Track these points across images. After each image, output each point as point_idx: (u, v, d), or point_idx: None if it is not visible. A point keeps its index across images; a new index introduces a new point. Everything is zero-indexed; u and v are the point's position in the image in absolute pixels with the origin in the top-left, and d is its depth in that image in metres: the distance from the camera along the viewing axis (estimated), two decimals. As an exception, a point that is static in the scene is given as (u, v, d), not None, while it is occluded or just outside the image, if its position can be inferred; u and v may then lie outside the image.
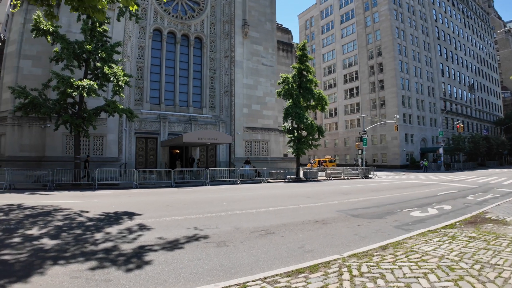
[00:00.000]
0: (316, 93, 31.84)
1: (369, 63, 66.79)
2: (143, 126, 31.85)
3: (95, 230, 7.70)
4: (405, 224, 8.75)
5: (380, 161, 63.01)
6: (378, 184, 23.86)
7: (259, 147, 37.35)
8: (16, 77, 27.04)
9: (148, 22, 33.77)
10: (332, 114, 75.54)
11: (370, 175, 34.72)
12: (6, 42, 29.36)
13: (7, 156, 26.39)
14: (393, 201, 13.69)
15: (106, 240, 6.72)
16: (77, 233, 7.43)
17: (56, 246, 6.30)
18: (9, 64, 27.98)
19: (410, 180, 28.64)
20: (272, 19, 39.27)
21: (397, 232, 7.74)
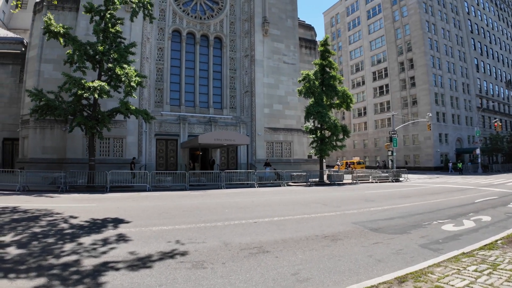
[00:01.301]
0: (340, 90, 29.85)
1: (398, 59, 63.30)
2: (163, 127, 31.34)
3: (69, 240, 6.97)
4: (434, 241, 7.01)
5: (413, 162, 59.41)
6: (408, 189, 21.64)
7: (282, 148, 35.79)
8: (38, 81, 27.26)
9: (167, 23, 33.26)
10: (360, 114, 72.46)
11: (400, 178, 32.19)
12: (28, 47, 29.85)
13: (30, 158, 26.70)
14: (422, 210, 11.81)
15: (72, 253, 6.01)
16: (49, 242, 6.80)
17: (17, 256, 5.78)
18: (31, 68, 28.32)
19: (444, 184, 26.11)
20: (293, 15, 37.63)
21: (423, 253, 6.09)
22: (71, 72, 21.18)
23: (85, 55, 20.68)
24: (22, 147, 28.40)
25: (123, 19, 23.21)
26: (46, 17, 20.27)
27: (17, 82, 31.21)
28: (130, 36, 29.59)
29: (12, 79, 31.52)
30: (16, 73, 31.52)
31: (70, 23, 28.94)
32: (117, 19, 22.33)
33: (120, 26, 25.04)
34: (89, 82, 19.74)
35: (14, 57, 31.82)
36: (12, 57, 31.79)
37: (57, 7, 29.22)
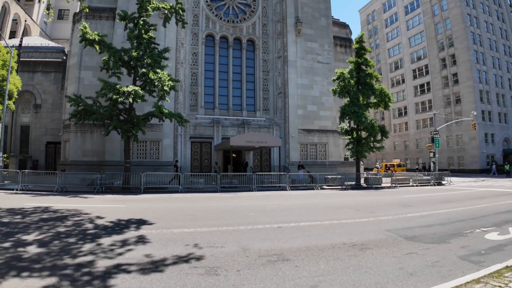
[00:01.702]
0: (377, 88, 28.48)
1: (440, 55, 59.73)
2: (197, 130, 31.75)
3: (89, 240, 7.01)
4: (475, 252, 6.16)
5: (457, 165, 55.68)
6: (450, 193, 20.03)
7: (316, 150, 34.84)
8: (78, 87, 28.61)
9: (200, 28, 33.75)
10: (401, 113, 69.25)
11: (443, 182, 30.05)
12: (68, 55, 31.51)
13: (71, 161, 28.12)
14: (464, 216, 10.70)
15: (89, 253, 6.01)
16: (70, 241, 6.87)
17: (35, 255, 5.85)
18: (72, 76, 29.83)
19: (489, 187, 24.01)
20: (327, 14, 36.66)
21: (462, 266, 5.33)
22: (107, 78, 21.92)
23: (120, 61, 21.33)
24: (63, 150, 29.96)
25: (156, 25, 23.69)
26: (81, 25, 21.11)
27: (59, 89, 33.06)
28: (165, 42, 30.29)
29: (54, 86, 33.47)
30: (58, 80, 33.41)
31: (107, 31, 30.17)
32: (150, 25, 22.82)
33: (155, 32, 25.65)
34: (124, 87, 20.24)
35: (56, 65, 33.79)
36: (54, 66, 33.79)
37: (95, 16, 30.66)
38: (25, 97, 33.36)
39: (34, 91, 33.27)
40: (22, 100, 33.37)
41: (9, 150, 31.43)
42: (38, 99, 33.26)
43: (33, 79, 33.27)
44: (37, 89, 33.33)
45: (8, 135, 32.02)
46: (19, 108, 32.91)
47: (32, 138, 33.12)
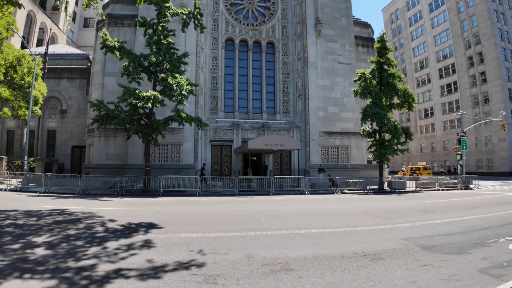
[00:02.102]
0: (401, 89, 27.45)
1: (466, 53, 57.22)
2: (217, 134, 31.87)
3: (96, 244, 7.07)
4: (497, 265, 5.59)
5: (486, 167, 52.98)
6: (476, 198, 18.92)
7: (338, 153, 34.02)
8: (102, 93, 29.43)
9: (220, 32, 33.95)
10: (427, 114, 66.83)
11: (471, 185, 28.55)
12: (92, 62, 32.48)
13: (94, 164, 28.93)
14: (489, 223, 9.94)
15: (93, 257, 6.05)
16: (77, 244, 6.98)
17: (41, 257, 5.97)
18: (96, 82, 30.75)
19: (519, 192, 22.51)
20: (348, 13, 35.89)
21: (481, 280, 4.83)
22: (128, 84, 22.33)
23: (139, 67, 21.72)
24: (88, 153, 30.90)
25: (175, 31, 23.88)
26: (102, 32, 21.68)
27: (84, 94, 34.13)
28: (185, 47, 30.65)
29: (79, 92, 34.61)
30: (83, 86, 34.51)
31: (130, 38, 30.99)
32: (169, 31, 23.05)
33: (175, 38, 26.17)
34: (143, 92, 20.54)
35: (81, 72, 34.94)
36: (79, 72, 34.95)
37: (117, 24, 31.49)
38: (51, 103, 34.66)
39: (60, 97, 34.49)
40: (49, 106, 34.69)
41: (36, 154, 32.73)
42: (64, 105, 34.45)
43: (59, 85, 34.54)
44: (63, 95, 34.53)
45: (35, 139, 33.44)
46: (45, 114, 34.24)
47: (58, 142, 34.33)
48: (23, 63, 24.27)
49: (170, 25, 25.87)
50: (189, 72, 30.47)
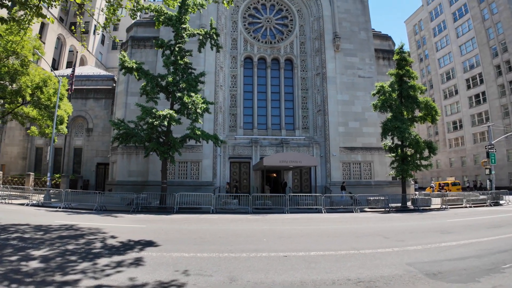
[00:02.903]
0: (422, 101, 26.20)
1: (494, 62, 54.59)
2: (236, 151, 31.54)
3: (89, 259, 7.30)
4: None
5: (520, 182, 49.77)
6: (503, 216, 17.52)
7: (360, 169, 32.65)
8: (125, 112, 29.98)
9: (239, 51, 34.06)
10: (456, 127, 63.95)
11: (501, 201, 26.60)
12: (117, 83, 33.30)
13: (117, 181, 29.38)
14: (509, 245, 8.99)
15: (80, 272, 6.27)
16: (70, 259, 7.27)
17: (32, 270, 6.29)
18: (119, 101, 31.43)
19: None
20: (367, 27, 35.08)
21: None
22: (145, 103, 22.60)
23: (157, 87, 22.12)
24: (111, 170, 31.44)
25: (192, 51, 24.19)
26: (120, 54, 22.20)
27: (109, 113, 34.98)
28: (205, 67, 30.92)
29: (105, 111, 35.49)
30: (108, 106, 35.41)
31: (152, 59, 31.68)
32: (186, 51, 23.43)
33: (194, 57, 26.58)
34: (160, 111, 20.80)
35: (106, 92, 35.92)
36: (105, 92, 35.94)
37: (140, 45, 32.30)
38: (78, 121, 35.72)
39: (87, 116, 35.47)
40: (76, 125, 35.77)
41: (62, 171, 33.66)
42: (90, 124, 35.36)
43: (85, 105, 35.59)
44: (89, 114, 35.50)
45: (62, 156, 34.50)
46: (72, 132, 35.31)
47: (84, 159, 35.18)
48: (49, 84, 25.12)
49: (189, 45, 26.20)
50: (208, 90, 30.78)
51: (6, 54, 22.42)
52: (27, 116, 25.73)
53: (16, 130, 34.85)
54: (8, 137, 35.17)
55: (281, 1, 36.14)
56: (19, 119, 26.02)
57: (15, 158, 35.07)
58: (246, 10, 35.54)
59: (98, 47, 55.20)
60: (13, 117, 26.08)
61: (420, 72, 74.78)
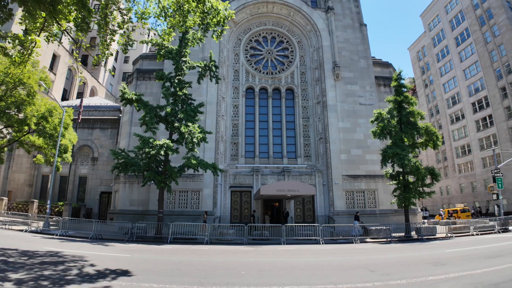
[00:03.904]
0: (422, 127, 25.42)
1: (499, 84, 53.54)
2: (237, 179, 30.98)
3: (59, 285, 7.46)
4: None
5: (532, 207, 47.37)
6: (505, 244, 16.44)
7: (364, 198, 31.45)
8: (128, 142, 30.07)
9: (241, 82, 34.31)
10: (464, 152, 62.01)
11: (510, 227, 25.15)
12: (122, 113, 33.63)
13: (119, 210, 29.14)
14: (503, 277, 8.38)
15: None
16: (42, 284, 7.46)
17: None
18: (124, 131, 31.65)
19: None
20: (367, 55, 35.00)
21: None
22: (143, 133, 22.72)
23: (156, 117, 22.29)
24: (113, 199, 31.29)
25: (191, 82, 24.56)
26: (120, 86, 22.59)
27: (114, 143, 35.21)
28: (207, 97, 31.22)
29: (110, 141, 35.75)
30: (114, 135, 35.73)
31: (156, 90, 32.05)
32: (185, 83, 23.81)
33: (197, 88, 27.32)
34: (157, 141, 20.96)
35: (112, 122, 36.31)
36: (111, 122, 36.33)
37: (145, 77, 32.81)
38: (84, 151, 36.02)
39: (92, 145, 35.73)
40: (82, 154, 36.04)
41: (66, 198, 33.73)
42: (96, 153, 35.54)
43: (92, 134, 35.96)
44: (95, 144, 35.77)
45: (67, 184, 34.62)
46: (78, 161, 35.58)
47: (88, 188, 35.18)
48: (54, 114, 25.65)
49: (191, 77, 26.54)
50: (209, 120, 30.82)
51: (13, 84, 23.16)
52: (33, 144, 26.15)
53: (24, 158, 35.21)
54: (16, 164, 35.53)
55: (282, 33, 36.66)
56: (25, 147, 26.45)
57: (22, 185, 35.30)
58: (248, 43, 36.09)
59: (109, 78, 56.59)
60: (20, 145, 26.51)
61: (426, 97, 73.95)
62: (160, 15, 14.74)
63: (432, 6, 70.93)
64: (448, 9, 66.32)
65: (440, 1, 68.22)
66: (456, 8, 63.97)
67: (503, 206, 33.16)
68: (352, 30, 35.71)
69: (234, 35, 35.84)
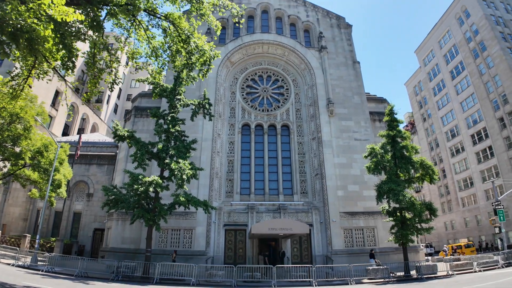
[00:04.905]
0: (417, 161, 24.57)
1: (496, 115, 53.02)
2: (231, 217, 29.87)
3: None
4: None
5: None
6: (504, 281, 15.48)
7: (363, 235, 29.88)
8: (123, 178, 29.54)
9: (237, 119, 34.27)
10: (466, 185, 60.35)
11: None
12: (119, 150, 33.42)
13: (110, 247, 28.11)
14: None
15: None
16: None
17: None
18: (119, 167, 31.31)
19: None
20: (360, 91, 35.00)
21: None
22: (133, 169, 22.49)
23: (147, 154, 22.28)
24: (106, 237, 30.36)
25: (184, 120, 24.67)
26: (114, 123, 22.45)
27: (110, 180, 34.75)
28: (202, 134, 31.13)
29: (106, 177, 35.35)
30: (110, 172, 35.37)
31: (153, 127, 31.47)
32: (178, 120, 24.04)
33: (193, 125, 27.66)
34: (146, 177, 20.61)
35: (109, 158, 36.11)
36: (108, 159, 36.13)
37: (142, 115, 32.90)
38: (80, 186, 35.57)
39: (88, 181, 35.29)
40: (78, 189, 35.59)
41: (60, 234, 32.88)
42: (91, 189, 35.00)
43: (88, 170, 35.65)
44: (91, 180, 35.35)
45: (62, 220, 33.80)
46: (73, 196, 35.12)
47: (82, 224, 34.42)
48: (50, 149, 25.62)
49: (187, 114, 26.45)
50: (204, 156, 30.42)
51: (10, 119, 23.33)
52: (28, 178, 25.94)
53: (20, 192, 34.68)
54: (12, 198, 35.01)
55: (277, 72, 37.14)
56: (20, 181, 26.21)
57: (17, 219, 34.62)
58: (244, 82, 36.50)
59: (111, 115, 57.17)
60: (15, 178, 26.29)
61: (425, 131, 73.46)
62: (151, 55, 14.84)
63: (426, 42, 72.32)
64: (441, 44, 67.45)
65: (434, 36, 69.55)
66: (449, 42, 65.04)
67: (508, 239, 31.47)
68: (345, 67, 36.04)
69: (231, 74, 36.30)
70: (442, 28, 67.22)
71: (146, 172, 25.23)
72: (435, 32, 69.14)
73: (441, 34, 67.30)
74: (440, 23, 67.80)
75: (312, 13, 39.59)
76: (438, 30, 68.26)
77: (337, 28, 38.86)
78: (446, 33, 65.85)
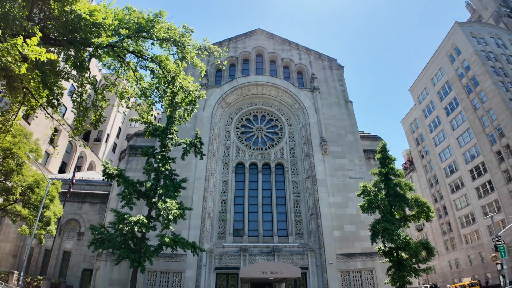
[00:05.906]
0: (411, 198, 23.53)
1: (493, 148, 52.34)
2: (223, 260, 28.40)
3: None
4: None
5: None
6: None
7: (361, 278, 28.21)
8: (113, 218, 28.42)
9: (231, 158, 33.95)
10: (468, 221, 58.32)
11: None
12: (111, 188, 32.78)
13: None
14: None
15: None
16: None
17: None
18: (111, 206, 30.43)
19: None
20: (353, 130, 34.87)
21: None
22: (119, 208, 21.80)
23: (135, 193, 21.87)
24: (94, 278, 28.91)
25: (175, 158, 24.50)
26: (103, 162, 22.15)
27: (102, 218, 33.87)
28: (195, 172, 30.63)
29: (98, 216, 34.48)
30: (103, 211, 34.60)
31: (145, 166, 31.49)
32: (169, 159, 23.71)
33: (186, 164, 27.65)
34: (132, 217, 19.96)
35: (102, 197, 35.40)
36: (101, 197, 35.44)
37: (136, 153, 32.65)
38: (71, 225, 34.70)
39: (80, 220, 34.45)
40: (69, 228, 34.68)
41: (48, 273, 31.45)
42: (82, 228, 34.02)
43: (81, 208, 34.89)
44: (83, 218, 34.50)
45: (50, 259, 32.46)
46: (64, 235, 34.15)
47: (71, 264, 33.10)
48: (41, 186, 25.13)
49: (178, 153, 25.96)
50: (197, 196, 29.66)
51: (4, 154, 23.11)
52: (18, 214, 25.29)
53: (11, 227, 33.66)
54: (4, 233, 33.91)
55: (271, 112, 37.40)
56: (10, 216, 25.47)
57: (7, 255, 33.30)
58: (239, 121, 36.62)
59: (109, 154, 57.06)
60: (5, 213, 25.69)
61: (424, 168, 72.54)
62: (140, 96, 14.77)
63: (419, 80, 73.53)
64: (434, 81, 68.46)
65: (427, 74, 70.80)
66: (442, 79, 65.97)
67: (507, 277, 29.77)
68: (338, 107, 36.25)
69: (226, 114, 36.50)
70: (434, 66, 68.60)
71: (136, 211, 24.58)
72: (428, 70, 70.52)
73: (434, 71, 68.56)
74: (432, 61, 69.32)
75: (305, 55, 40.59)
76: (431, 68, 69.61)
77: (329, 69, 39.63)
78: (439, 70, 67.05)
